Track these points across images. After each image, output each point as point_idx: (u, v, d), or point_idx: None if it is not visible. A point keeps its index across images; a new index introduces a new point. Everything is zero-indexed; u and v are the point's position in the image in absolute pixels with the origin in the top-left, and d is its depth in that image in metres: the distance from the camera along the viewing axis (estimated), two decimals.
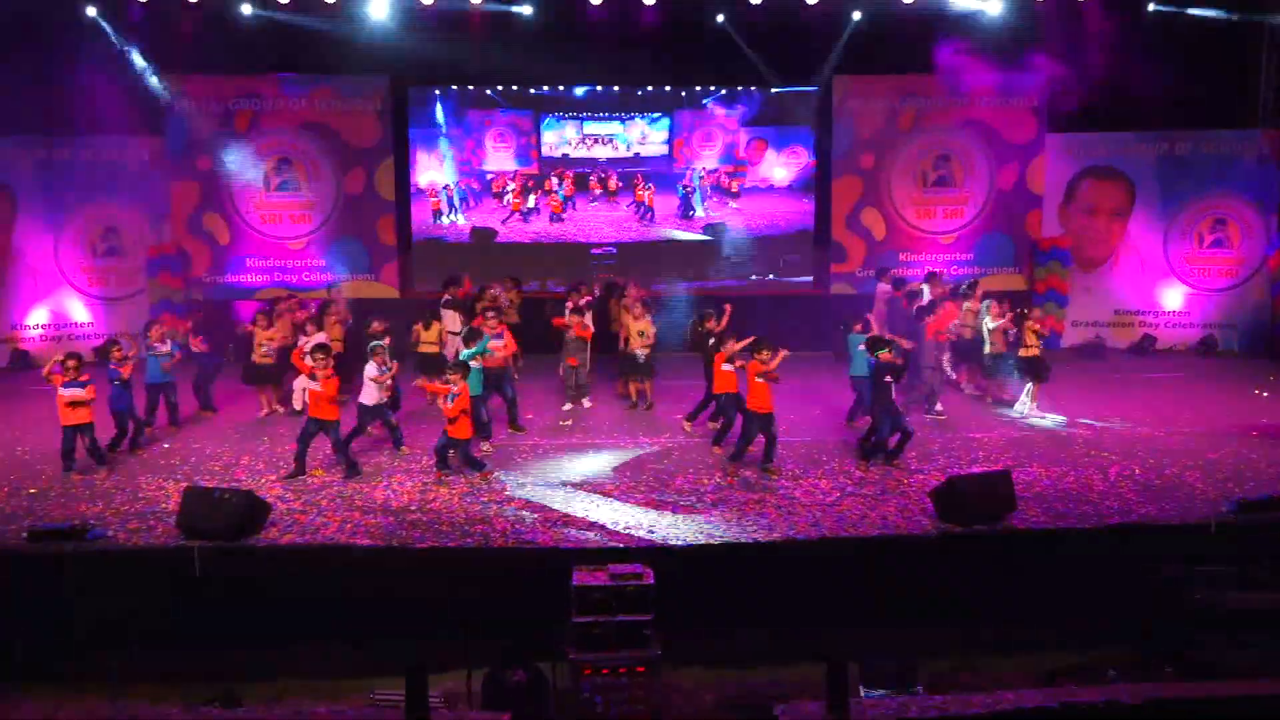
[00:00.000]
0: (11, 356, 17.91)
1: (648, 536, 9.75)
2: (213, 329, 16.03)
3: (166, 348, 13.42)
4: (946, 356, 14.77)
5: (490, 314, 13.32)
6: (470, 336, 12.54)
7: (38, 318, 18.32)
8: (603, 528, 9.99)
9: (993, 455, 12.31)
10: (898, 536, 9.77)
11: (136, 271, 18.62)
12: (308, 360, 11.53)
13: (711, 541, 9.64)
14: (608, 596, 8.76)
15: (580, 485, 11.29)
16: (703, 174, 19.31)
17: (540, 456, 12.44)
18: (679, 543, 9.60)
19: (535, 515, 10.33)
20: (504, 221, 19.23)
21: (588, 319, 14.65)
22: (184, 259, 18.60)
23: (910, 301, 15.43)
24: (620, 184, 19.41)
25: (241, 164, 18.55)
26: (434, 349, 14.55)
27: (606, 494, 11.00)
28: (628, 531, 9.89)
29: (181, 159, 18.45)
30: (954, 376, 15.42)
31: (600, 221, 19.46)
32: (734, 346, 12.34)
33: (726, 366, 12.35)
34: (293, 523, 10.15)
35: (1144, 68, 17.24)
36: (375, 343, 12.53)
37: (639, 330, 14.43)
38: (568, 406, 14.69)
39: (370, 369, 12.17)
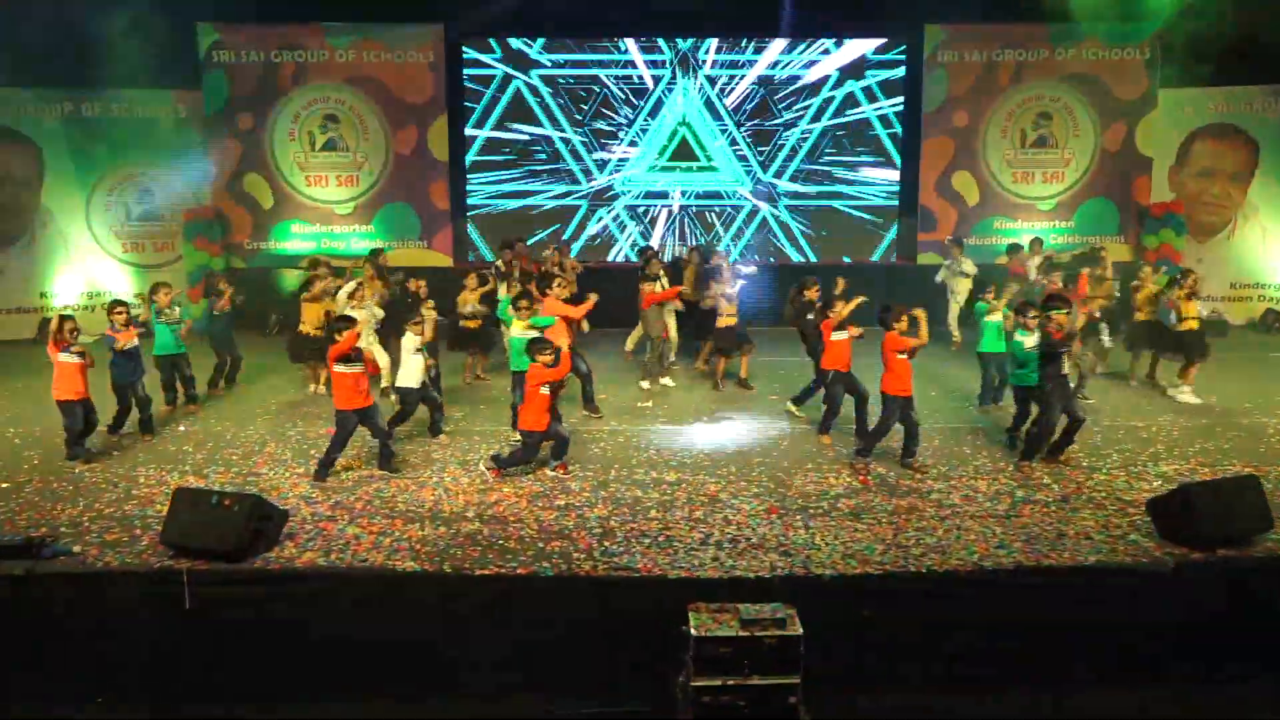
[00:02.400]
0: (41, 327, 14.96)
1: (780, 559, 6.61)
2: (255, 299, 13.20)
3: (176, 313, 10.40)
4: (1104, 330, 11.37)
5: (558, 283, 10.18)
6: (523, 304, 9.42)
7: (68, 285, 15.35)
8: (718, 544, 6.86)
9: (1178, 449, 9.02)
10: (1130, 567, 6.55)
11: (173, 236, 15.59)
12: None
13: (872, 571, 6.47)
14: (739, 651, 5.68)
15: (677, 484, 8.14)
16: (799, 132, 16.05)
17: (621, 446, 9.29)
18: (829, 572, 6.44)
19: (627, 526, 7.21)
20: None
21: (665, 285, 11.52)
22: (223, 223, 15.56)
23: (1045, 271, 12.15)
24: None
25: (284, 121, 15.48)
26: (475, 323, 11.51)
27: (711, 496, 7.87)
28: (752, 551, 6.75)
29: (220, 115, 15.35)
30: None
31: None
32: (843, 309, 9.16)
33: (838, 335, 9.18)
34: (316, 534, 7.07)
35: (1271, 12, 13.76)
36: (415, 314, 9.43)
37: (727, 296, 11.25)
38: (646, 385, 11.54)
39: (408, 342, 9.09)
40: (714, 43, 15.72)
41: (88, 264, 15.44)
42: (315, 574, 6.43)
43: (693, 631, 5.67)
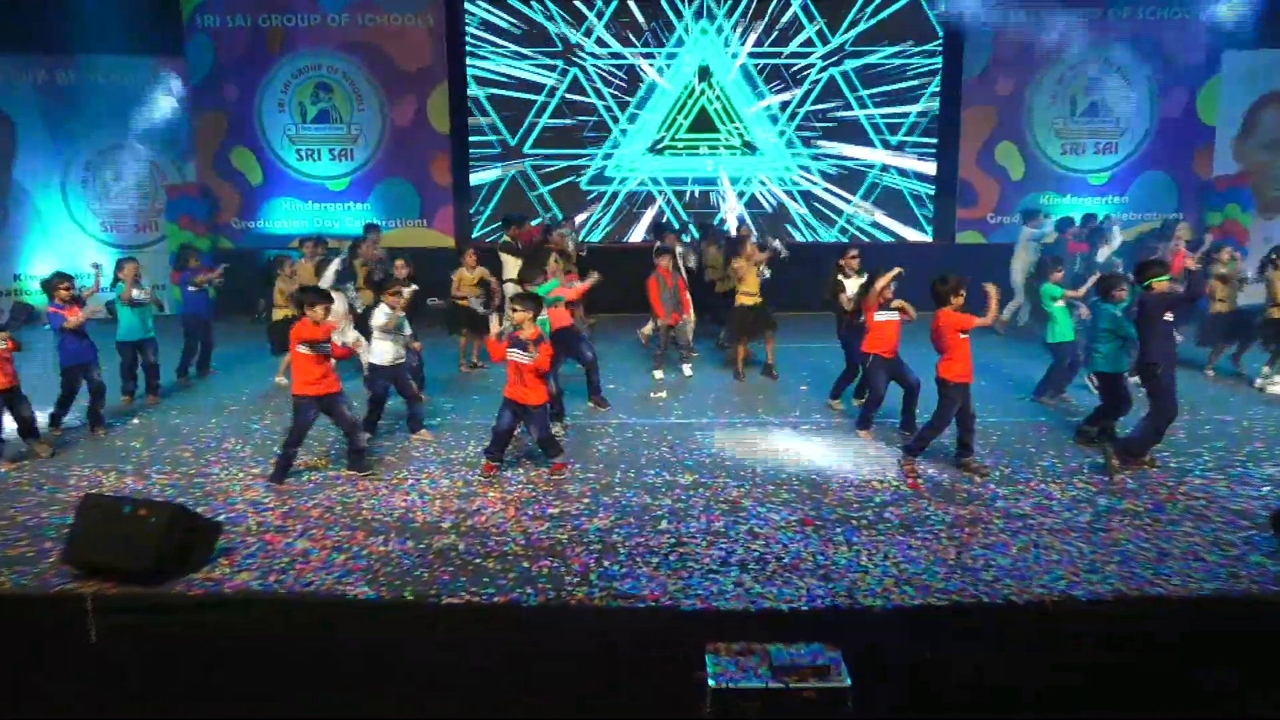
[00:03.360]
0: (13, 311, 13.83)
1: (820, 585, 5.30)
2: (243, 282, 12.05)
3: (143, 294, 9.20)
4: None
5: (555, 258, 8.90)
6: (530, 276, 8.15)
7: (42, 266, 14.20)
8: (742, 565, 5.57)
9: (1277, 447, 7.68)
10: (1260, 597, 5.19)
11: (156, 214, 14.44)
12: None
13: (935, 601, 5.15)
14: (769, 706, 4.42)
15: (693, 489, 6.85)
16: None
17: (630, 443, 8.01)
18: (879, 602, 5.13)
19: (632, 541, 5.93)
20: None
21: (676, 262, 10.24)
22: (209, 201, 14.38)
23: (1092, 244, 10.78)
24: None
25: (274, 91, 14.26)
26: (463, 302, 10.31)
27: (734, 503, 6.57)
28: (784, 574, 5.45)
29: (205, 85, 14.16)
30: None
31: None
32: (885, 281, 7.85)
33: (883, 315, 7.87)
34: (259, 549, 5.83)
35: None
36: (390, 282, 8.19)
37: (755, 274, 9.94)
38: (659, 374, 10.25)
39: (379, 315, 7.84)
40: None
41: (65, 244, 14.29)
42: (242, 601, 5.18)
43: (710, 681, 4.41)
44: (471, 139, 14.61)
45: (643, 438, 8.13)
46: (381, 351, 7.83)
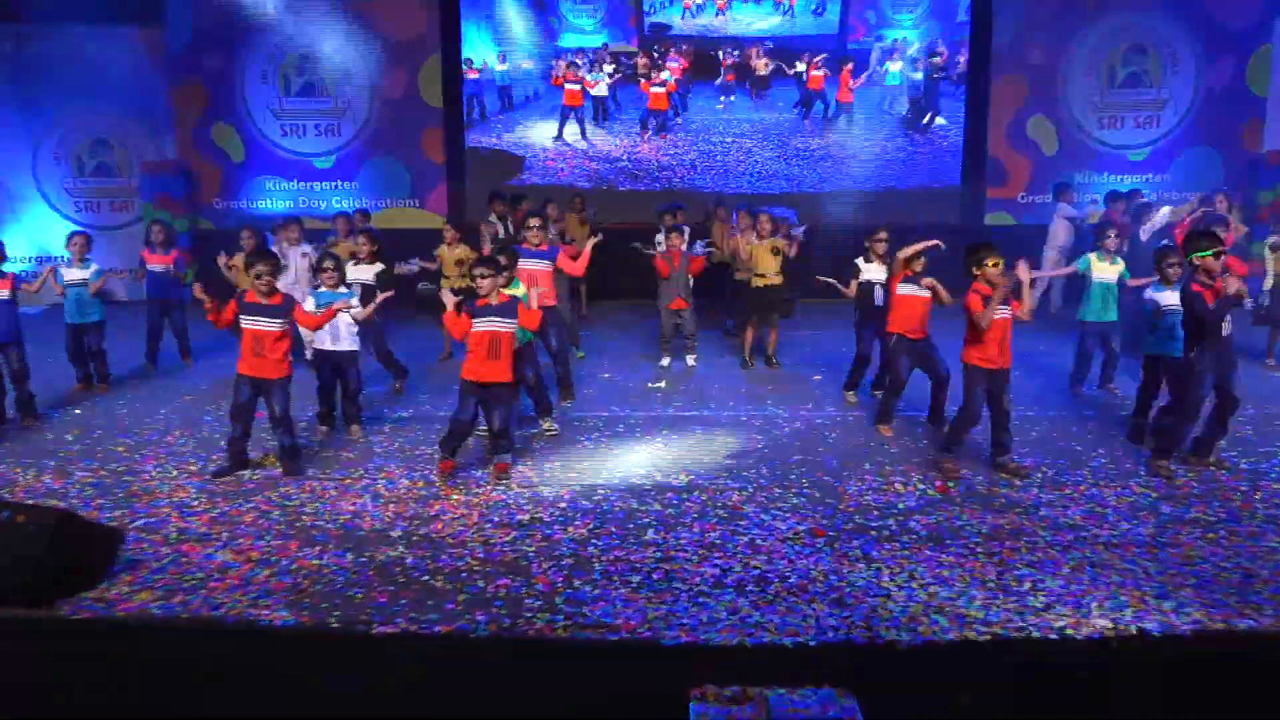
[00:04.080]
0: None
1: (832, 613, 4.37)
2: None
3: (82, 274, 8.36)
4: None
5: (533, 224, 7.94)
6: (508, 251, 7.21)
7: (13, 249, 13.38)
8: (739, 586, 4.64)
9: None
10: None
11: (133, 193, 13.63)
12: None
13: (974, 635, 4.20)
14: None
15: (687, 492, 5.93)
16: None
17: (620, 439, 7.10)
18: (904, 635, 4.19)
19: (610, 554, 5.01)
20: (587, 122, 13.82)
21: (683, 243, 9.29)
22: (188, 179, 13.55)
23: (1138, 220, 9.76)
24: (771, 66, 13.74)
25: (257, 62, 13.40)
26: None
27: (733, 508, 5.64)
28: (789, 597, 4.52)
29: (184, 55, 13.32)
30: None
31: (729, 127, 13.90)
32: (913, 251, 6.89)
33: (907, 289, 6.91)
34: (171, 562, 4.95)
35: None
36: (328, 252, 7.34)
37: (770, 252, 9.00)
38: (665, 362, 9.33)
39: (311, 302, 6.94)
40: None
41: (37, 225, 13.49)
42: (130, 629, 4.29)
43: None
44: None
45: (635, 432, 7.20)
46: (321, 335, 6.96)
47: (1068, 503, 5.66)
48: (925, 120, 13.54)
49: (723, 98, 13.74)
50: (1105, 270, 7.80)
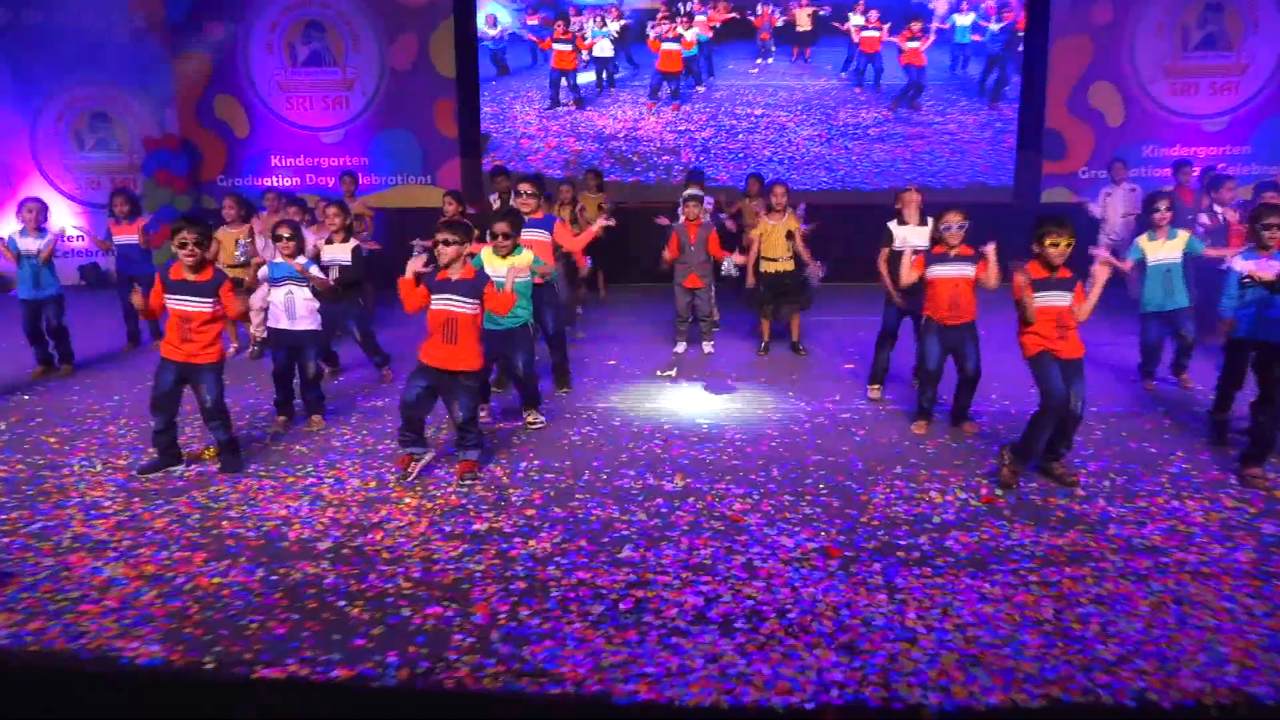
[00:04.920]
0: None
1: (840, 663, 3.40)
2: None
3: (38, 243, 7.65)
4: None
5: (526, 189, 7.01)
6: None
7: (11, 228, 12.83)
8: (726, 623, 3.69)
9: None
10: None
11: (135, 171, 12.98)
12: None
13: (1023, 700, 3.21)
14: None
15: (681, 497, 4.96)
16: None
17: (613, 434, 6.15)
18: (934, 700, 3.21)
19: (572, 577, 4.07)
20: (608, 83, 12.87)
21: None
22: (190, 155, 12.86)
23: (1210, 195, 8.57)
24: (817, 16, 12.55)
25: (261, 30, 12.67)
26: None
27: (733, 520, 4.69)
28: (788, 638, 3.56)
29: (186, 24, 12.63)
30: None
31: (761, 96, 12.82)
32: (955, 220, 5.84)
33: (936, 269, 5.86)
34: (48, 576, 4.11)
35: None
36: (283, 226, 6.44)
37: (783, 234, 8.01)
38: (679, 348, 8.39)
39: (265, 272, 6.15)
40: None
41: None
42: None
43: None
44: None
45: (632, 426, 6.27)
46: (275, 313, 6.13)
47: (1143, 519, 4.61)
48: (996, 84, 12.33)
49: (759, 60, 12.65)
50: (1161, 250, 6.66)
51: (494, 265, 5.91)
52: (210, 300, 5.28)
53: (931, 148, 12.42)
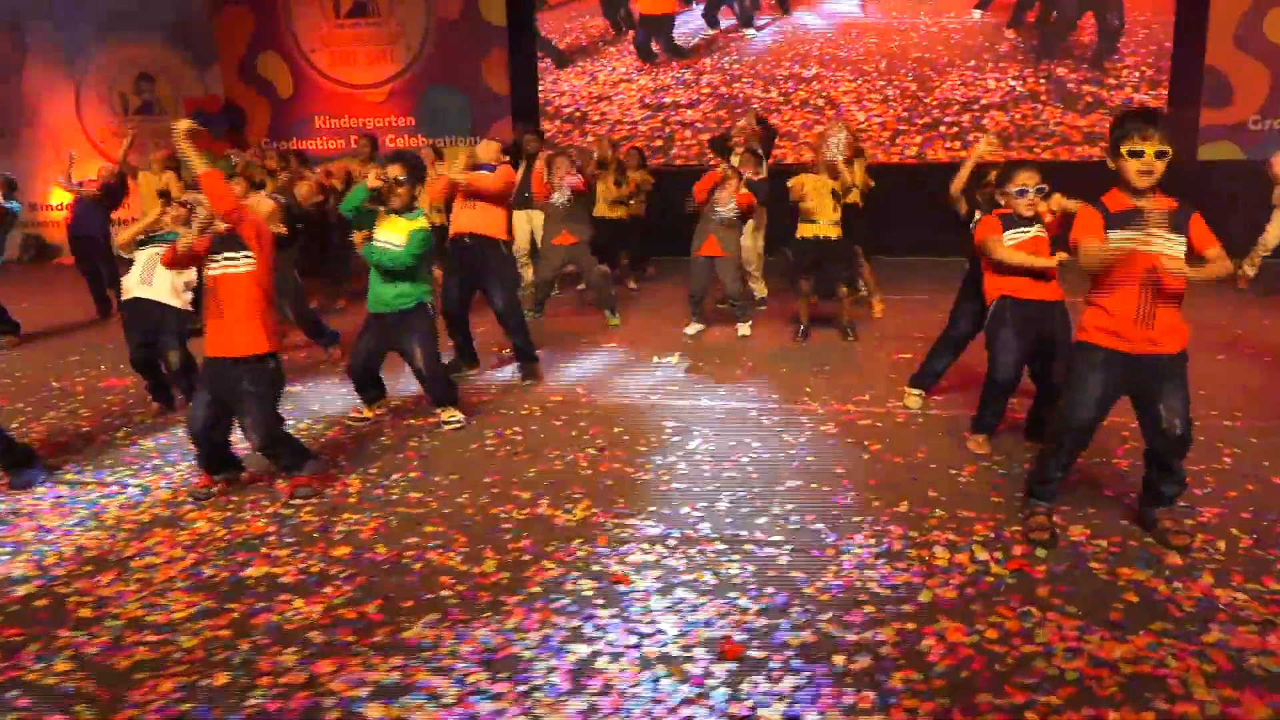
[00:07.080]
0: (23, 246, 12.16)
1: None
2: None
3: None
4: None
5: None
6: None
7: (62, 196, 12.42)
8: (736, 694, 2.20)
9: None
10: None
11: None
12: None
13: None
14: None
15: (562, 540, 3.44)
16: None
17: (547, 442, 4.68)
18: None
19: (468, 622, 2.66)
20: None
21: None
22: (234, 115, 12.10)
23: None
24: None
25: None
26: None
27: (615, 582, 3.13)
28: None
29: None
30: None
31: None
32: (1030, 181, 4.02)
33: (1018, 232, 4.05)
34: None
35: None
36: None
37: (829, 193, 6.34)
38: (691, 330, 6.84)
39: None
40: None
41: (81, 167, 12.40)
42: None
43: None
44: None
45: (571, 431, 4.77)
46: (130, 277, 4.99)
47: (1275, 616, 2.79)
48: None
49: None
50: None
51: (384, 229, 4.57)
52: None
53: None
